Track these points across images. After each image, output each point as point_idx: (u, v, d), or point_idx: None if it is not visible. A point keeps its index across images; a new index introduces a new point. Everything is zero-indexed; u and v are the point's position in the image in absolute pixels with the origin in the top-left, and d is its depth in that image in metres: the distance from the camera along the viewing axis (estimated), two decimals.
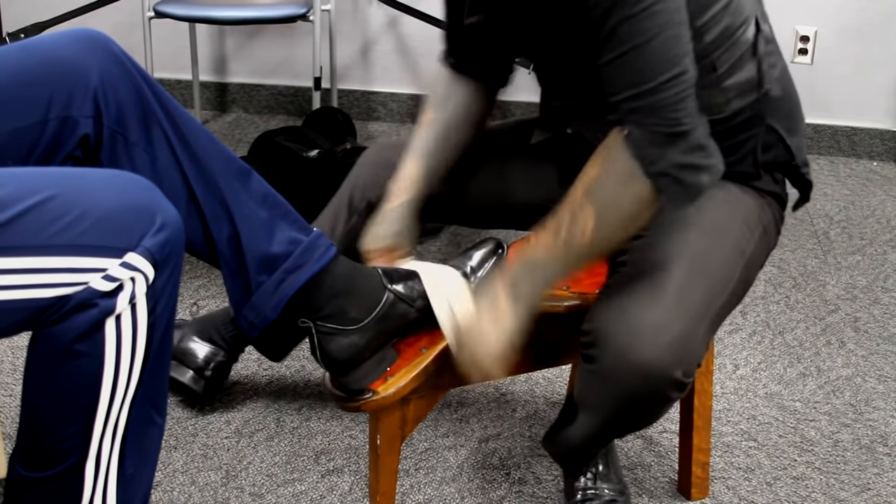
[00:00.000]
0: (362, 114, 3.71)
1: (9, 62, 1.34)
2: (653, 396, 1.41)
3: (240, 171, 1.47)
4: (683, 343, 1.39)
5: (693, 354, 1.41)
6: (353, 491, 1.80)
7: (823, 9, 3.38)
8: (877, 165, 3.47)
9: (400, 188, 1.64)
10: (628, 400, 1.42)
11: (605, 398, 1.44)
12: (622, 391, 1.41)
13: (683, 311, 1.40)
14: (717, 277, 1.47)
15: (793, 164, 1.59)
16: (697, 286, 1.43)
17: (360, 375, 1.51)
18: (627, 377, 1.39)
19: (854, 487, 1.85)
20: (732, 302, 1.51)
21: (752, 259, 1.54)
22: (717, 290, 1.46)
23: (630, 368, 1.38)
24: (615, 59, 1.31)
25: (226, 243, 1.47)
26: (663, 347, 1.37)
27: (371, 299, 1.50)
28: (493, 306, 1.43)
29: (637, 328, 1.38)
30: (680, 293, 1.42)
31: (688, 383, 1.41)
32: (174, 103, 1.44)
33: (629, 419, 1.48)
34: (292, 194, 1.84)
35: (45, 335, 1.17)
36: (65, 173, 1.21)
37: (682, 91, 1.31)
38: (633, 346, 1.38)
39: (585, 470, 1.69)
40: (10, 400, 2.02)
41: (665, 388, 1.39)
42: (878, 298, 2.54)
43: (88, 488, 1.26)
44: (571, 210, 1.37)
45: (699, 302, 1.43)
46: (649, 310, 1.39)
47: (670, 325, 1.38)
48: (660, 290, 1.41)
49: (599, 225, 1.35)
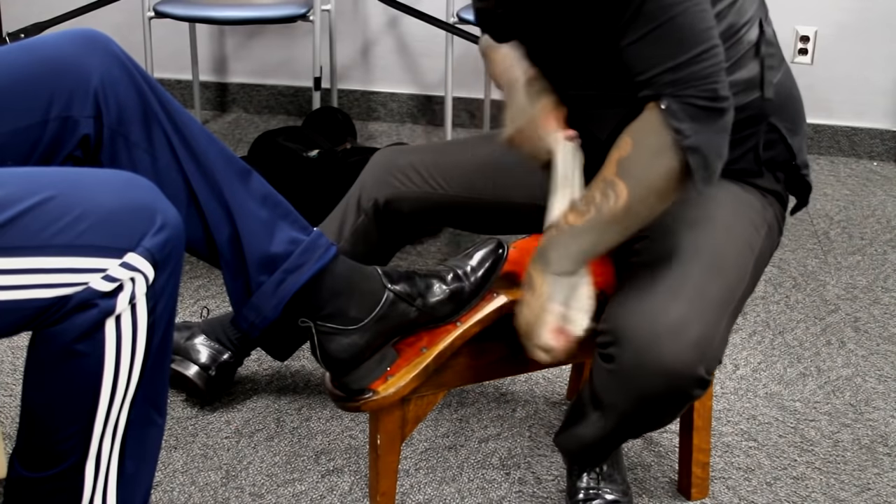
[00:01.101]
0: (362, 114, 3.71)
1: (9, 62, 1.35)
2: (675, 395, 1.41)
3: (240, 171, 1.47)
4: (705, 340, 1.39)
5: (715, 351, 1.41)
6: (353, 491, 1.80)
7: (823, 9, 3.38)
8: (877, 165, 3.47)
9: (516, 74, 1.56)
10: (650, 399, 1.42)
11: (626, 397, 1.44)
12: (644, 390, 1.41)
13: (703, 308, 1.41)
14: (732, 274, 1.47)
15: (793, 164, 1.59)
16: (715, 283, 1.44)
17: (361, 375, 1.51)
18: (650, 376, 1.39)
19: (854, 487, 1.85)
20: (745, 299, 1.52)
21: (760, 257, 1.54)
22: (733, 286, 1.47)
23: (653, 367, 1.38)
24: (647, 35, 1.32)
25: (226, 243, 1.47)
26: (686, 345, 1.37)
27: (371, 299, 1.50)
28: (529, 282, 1.44)
29: (658, 327, 1.38)
30: (698, 290, 1.42)
31: (710, 380, 1.42)
32: (174, 104, 1.44)
33: (649, 418, 1.48)
34: (292, 194, 1.84)
35: (46, 335, 1.17)
36: (65, 173, 1.21)
37: (717, 63, 1.33)
38: (655, 344, 1.38)
39: (588, 470, 1.70)
40: (10, 400, 2.02)
41: (688, 386, 1.40)
42: (878, 298, 2.54)
43: (88, 488, 1.26)
44: (603, 184, 1.37)
45: (717, 299, 1.43)
46: (669, 308, 1.40)
47: (691, 323, 1.39)
48: (678, 288, 1.42)
49: (631, 199, 1.36)
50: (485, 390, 2.10)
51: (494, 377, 1.67)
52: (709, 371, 1.40)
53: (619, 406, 1.47)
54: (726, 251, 1.48)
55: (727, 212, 1.52)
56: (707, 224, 1.50)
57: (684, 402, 1.44)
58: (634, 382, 1.41)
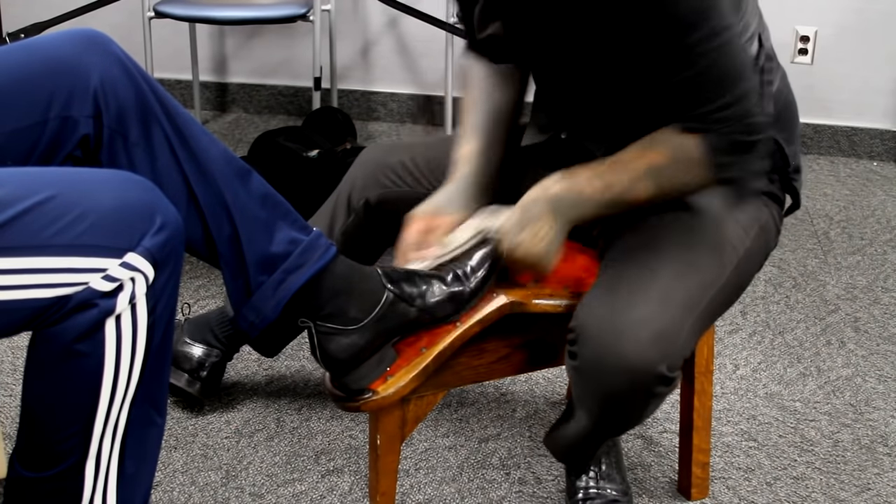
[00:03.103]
0: (362, 114, 3.72)
1: (9, 62, 1.34)
2: (636, 391, 1.41)
3: (240, 171, 1.47)
4: (666, 337, 1.39)
5: (677, 349, 1.41)
6: (353, 491, 1.80)
7: (823, 9, 3.38)
8: (877, 165, 3.47)
9: (456, 167, 1.64)
10: (612, 395, 1.43)
11: (591, 394, 1.45)
12: (606, 387, 1.42)
13: (666, 306, 1.41)
14: (707, 274, 1.47)
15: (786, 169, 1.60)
16: (683, 283, 1.44)
17: (360, 375, 1.51)
18: (611, 373, 1.40)
19: (854, 487, 1.85)
20: (725, 299, 1.52)
21: (747, 257, 1.54)
22: (706, 285, 1.47)
23: (612, 364, 1.39)
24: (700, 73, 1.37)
25: (226, 243, 1.47)
26: (644, 342, 1.38)
27: (371, 299, 1.50)
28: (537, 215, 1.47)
29: (618, 323, 1.39)
30: (665, 289, 1.43)
31: (673, 378, 1.41)
32: (174, 103, 1.44)
33: (616, 416, 1.48)
34: (292, 194, 1.84)
35: (46, 335, 1.17)
36: (65, 173, 1.21)
37: (756, 97, 1.40)
38: (615, 340, 1.39)
39: (588, 469, 1.70)
40: (10, 400, 2.02)
41: (649, 383, 1.40)
42: (878, 298, 2.54)
43: (88, 488, 1.26)
44: (630, 178, 1.44)
45: (684, 298, 1.43)
46: (631, 306, 1.40)
47: (652, 321, 1.39)
48: (644, 287, 1.43)
49: (649, 199, 1.46)
50: (485, 390, 2.10)
51: (494, 377, 1.67)
52: (671, 368, 1.40)
53: (587, 403, 1.48)
54: (702, 251, 1.49)
55: (712, 213, 1.53)
56: (687, 225, 1.51)
57: (648, 399, 1.43)
58: (597, 379, 1.42)
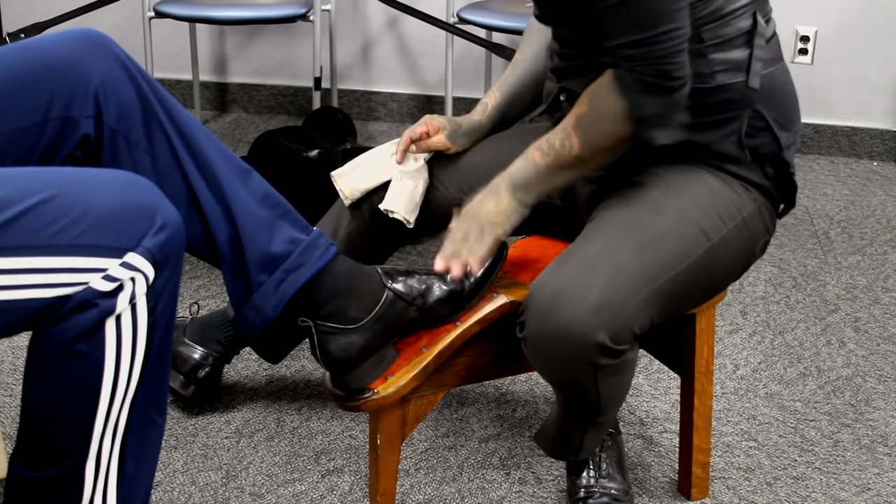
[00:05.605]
0: (362, 114, 3.72)
1: (9, 62, 1.35)
2: (579, 361, 1.42)
3: (240, 170, 1.47)
4: (609, 306, 1.40)
5: (621, 319, 1.41)
6: (353, 491, 1.80)
7: (823, 9, 3.38)
8: (877, 165, 3.47)
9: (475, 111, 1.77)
10: (556, 364, 1.44)
11: (540, 367, 1.47)
12: (547, 354, 1.43)
13: (615, 279, 1.42)
14: (668, 254, 1.47)
15: (780, 156, 1.57)
16: (638, 260, 1.45)
17: (360, 375, 1.51)
18: (551, 341, 1.42)
19: (854, 487, 1.85)
20: (692, 284, 1.51)
21: (722, 246, 1.53)
22: (665, 265, 1.47)
23: (551, 330, 1.41)
24: (616, 5, 1.37)
25: (226, 243, 1.47)
26: (585, 310, 1.39)
27: (371, 298, 1.50)
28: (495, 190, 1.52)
29: (562, 292, 1.41)
30: (617, 264, 1.44)
31: (617, 350, 1.42)
32: (174, 104, 1.44)
33: (570, 391, 1.50)
34: (292, 194, 1.83)
35: (46, 335, 1.17)
36: (65, 173, 1.21)
37: (676, 45, 1.39)
38: (554, 307, 1.41)
39: (588, 468, 1.70)
40: (10, 400, 2.02)
41: (589, 352, 1.41)
42: (878, 298, 2.54)
43: (88, 488, 1.26)
44: (563, 133, 1.48)
45: (637, 274, 1.44)
46: (580, 276, 1.42)
47: (596, 289, 1.41)
48: (596, 261, 1.44)
49: (583, 152, 1.48)
50: (485, 390, 2.10)
51: (494, 377, 1.67)
52: (615, 340, 1.41)
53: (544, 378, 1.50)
54: (668, 233, 1.49)
55: (687, 199, 1.52)
56: (657, 207, 1.51)
57: (591, 370, 1.44)
58: (539, 347, 1.44)
